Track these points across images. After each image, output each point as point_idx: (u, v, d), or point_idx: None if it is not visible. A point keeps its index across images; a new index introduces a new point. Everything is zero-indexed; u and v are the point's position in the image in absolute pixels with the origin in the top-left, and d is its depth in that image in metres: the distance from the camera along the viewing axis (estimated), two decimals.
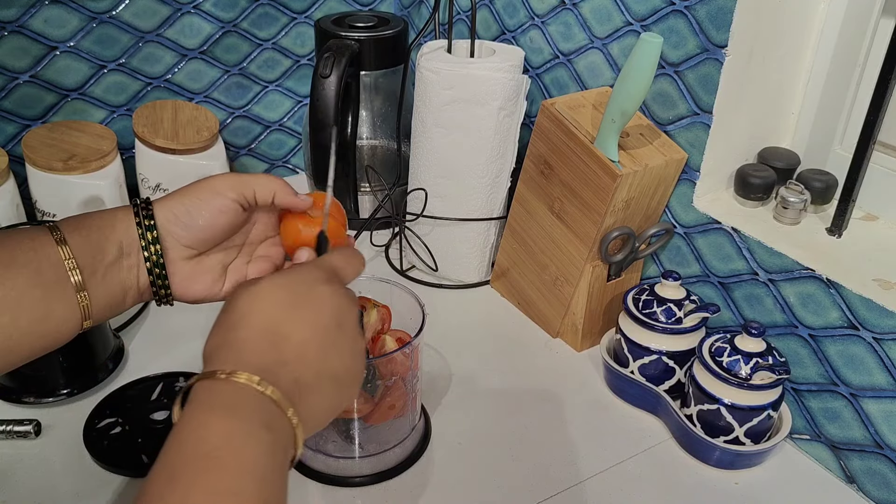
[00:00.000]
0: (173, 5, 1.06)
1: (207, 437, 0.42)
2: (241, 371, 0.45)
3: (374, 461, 0.72)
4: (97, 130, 1.00)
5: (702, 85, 0.79)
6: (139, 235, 0.56)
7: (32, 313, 0.51)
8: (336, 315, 0.51)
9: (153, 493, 0.40)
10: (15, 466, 0.71)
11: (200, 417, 0.44)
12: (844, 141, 0.81)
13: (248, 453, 0.42)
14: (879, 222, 0.80)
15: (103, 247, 0.55)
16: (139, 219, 0.57)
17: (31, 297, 0.51)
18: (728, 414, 0.72)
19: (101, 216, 0.57)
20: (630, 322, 0.80)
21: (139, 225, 0.56)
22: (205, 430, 0.43)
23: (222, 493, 0.40)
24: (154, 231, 0.56)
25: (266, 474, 0.42)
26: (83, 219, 0.56)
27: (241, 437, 0.43)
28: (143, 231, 0.56)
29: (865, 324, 0.69)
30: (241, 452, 0.42)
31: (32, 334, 0.51)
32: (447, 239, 0.98)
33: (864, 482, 0.72)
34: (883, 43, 0.71)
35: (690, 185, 0.83)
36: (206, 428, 0.43)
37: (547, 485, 0.72)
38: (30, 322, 0.51)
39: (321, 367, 0.49)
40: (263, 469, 0.43)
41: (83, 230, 0.55)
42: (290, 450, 0.46)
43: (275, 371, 0.47)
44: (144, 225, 0.56)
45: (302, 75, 1.20)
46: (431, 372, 0.85)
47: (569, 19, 0.93)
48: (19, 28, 0.98)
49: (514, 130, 0.92)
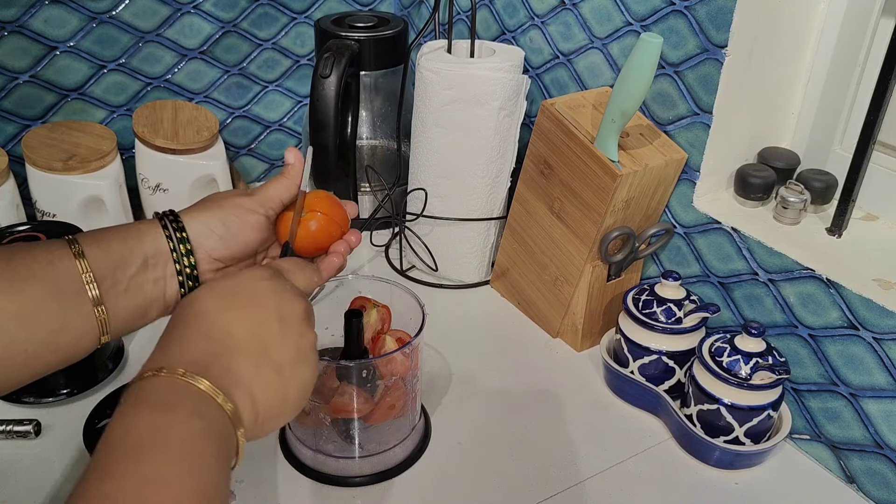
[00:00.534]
0: (173, 5, 1.06)
1: (135, 431, 0.42)
2: (167, 367, 0.46)
3: (374, 461, 0.72)
4: (97, 130, 1.00)
5: (702, 85, 0.79)
6: (171, 248, 0.56)
7: (48, 326, 0.51)
8: (276, 309, 0.51)
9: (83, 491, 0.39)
10: (15, 466, 0.71)
11: (128, 413, 0.44)
12: (844, 141, 0.81)
13: (177, 441, 0.42)
14: (879, 222, 0.80)
15: (126, 259, 0.54)
16: (169, 231, 0.56)
17: (48, 309, 0.51)
18: (728, 414, 0.72)
19: (124, 229, 0.56)
20: (630, 322, 0.80)
21: (170, 238, 0.56)
22: (133, 424, 0.43)
23: (152, 481, 0.40)
24: (188, 243, 0.56)
25: (199, 461, 0.42)
26: (103, 232, 0.56)
27: (168, 426, 0.43)
28: (176, 243, 0.56)
29: (865, 324, 0.69)
30: (169, 441, 0.42)
31: (48, 347, 0.51)
32: (447, 239, 0.98)
33: (864, 482, 0.72)
34: (883, 43, 0.71)
35: (690, 185, 0.83)
36: (134, 422, 0.43)
37: (547, 485, 0.72)
38: (46, 335, 0.51)
39: (259, 358, 0.49)
40: (196, 456, 0.42)
41: (103, 242, 0.54)
42: (230, 438, 0.46)
43: (205, 362, 0.47)
44: (176, 237, 0.56)
45: (302, 75, 1.20)
46: (431, 372, 0.85)
47: (569, 19, 0.93)
48: (19, 28, 0.98)
49: (514, 130, 0.92)
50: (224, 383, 0.47)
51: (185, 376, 0.46)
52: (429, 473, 0.73)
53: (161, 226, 0.57)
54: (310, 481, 0.72)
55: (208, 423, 0.45)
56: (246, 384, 0.48)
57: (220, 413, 0.46)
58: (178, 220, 0.57)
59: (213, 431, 0.45)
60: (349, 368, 0.69)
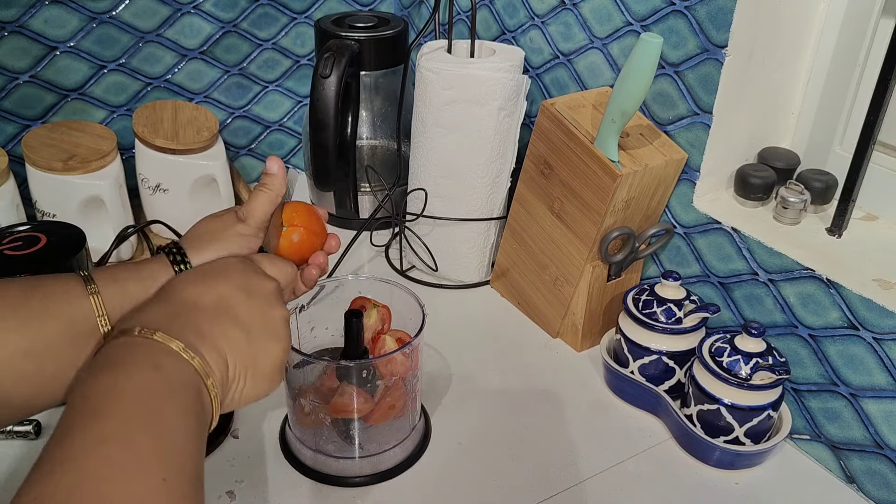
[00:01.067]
0: (173, 5, 1.06)
1: (91, 393, 0.42)
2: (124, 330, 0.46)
3: (374, 461, 0.72)
4: (97, 130, 1.00)
5: (702, 85, 0.79)
6: None
7: (59, 363, 0.51)
8: (242, 284, 0.53)
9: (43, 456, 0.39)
10: (15, 466, 0.71)
11: (86, 380, 0.43)
12: (844, 141, 0.81)
13: (130, 395, 0.42)
14: (879, 222, 0.80)
15: (140, 298, 0.55)
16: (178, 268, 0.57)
17: (60, 348, 0.51)
18: (728, 414, 0.72)
19: (140, 268, 0.57)
20: (630, 322, 0.80)
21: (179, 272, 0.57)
22: (89, 387, 0.42)
23: (107, 438, 0.39)
24: None
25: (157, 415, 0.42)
26: (119, 269, 0.56)
27: (122, 383, 0.42)
28: None
29: (865, 324, 0.69)
30: (122, 397, 0.42)
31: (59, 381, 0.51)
32: (447, 239, 0.98)
33: (864, 482, 0.72)
34: (883, 43, 0.71)
35: (690, 185, 0.83)
36: (91, 385, 0.43)
37: (547, 485, 0.72)
38: (56, 369, 0.51)
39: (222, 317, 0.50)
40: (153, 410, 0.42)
41: (119, 282, 0.55)
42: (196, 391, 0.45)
43: (164, 322, 0.47)
44: None
45: (302, 75, 1.20)
46: (431, 372, 0.85)
47: (569, 19, 0.93)
48: (19, 28, 0.98)
49: (514, 130, 0.92)
50: (187, 337, 0.47)
51: (140, 334, 0.46)
52: (429, 473, 0.73)
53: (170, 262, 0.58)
54: (310, 481, 0.72)
55: (167, 375, 0.44)
56: (211, 339, 0.48)
57: (182, 364, 0.45)
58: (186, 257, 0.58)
59: (173, 384, 0.44)
60: (349, 368, 0.69)
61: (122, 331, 0.47)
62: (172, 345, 0.46)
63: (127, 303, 0.54)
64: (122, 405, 0.41)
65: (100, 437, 0.39)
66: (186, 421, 0.43)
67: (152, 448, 0.40)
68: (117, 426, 0.40)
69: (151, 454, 0.39)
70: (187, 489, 0.40)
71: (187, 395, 0.44)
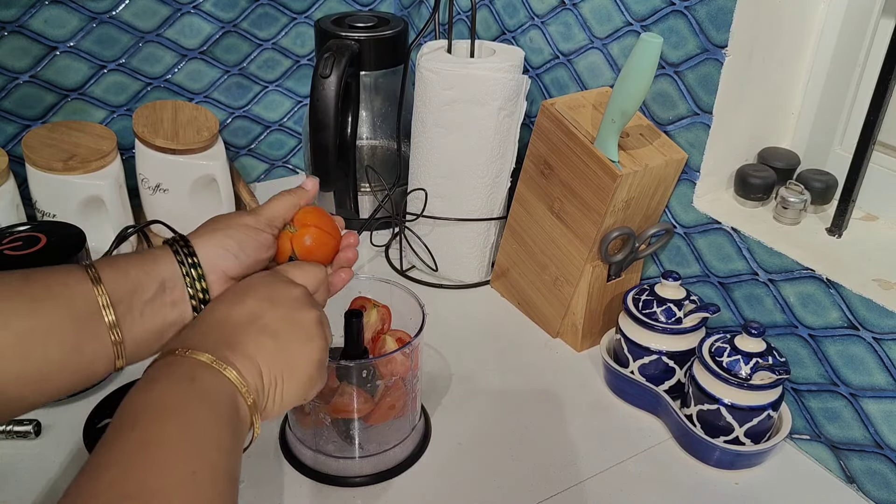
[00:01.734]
0: (173, 5, 1.06)
1: (131, 408, 0.46)
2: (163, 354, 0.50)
3: (374, 461, 0.72)
4: (97, 130, 1.00)
5: (702, 85, 0.79)
6: (183, 273, 0.57)
7: (63, 346, 0.51)
8: (267, 295, 0.55)
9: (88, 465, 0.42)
10: (15, 466, 0.71)
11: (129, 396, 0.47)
12: (844, 141, 0.81)
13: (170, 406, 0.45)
14: (879, 222, 0.80)
15: (143, 283, 0.55)
16: (181, 256, 0.57)
17: (63, 329, 0.51)
18: (728, 414, 0.72)
19: (140, 255, 0.57)
20: (630, 322, 0.80)
21: (181, 263, 0.57)
22: (131, 403, 0.46)
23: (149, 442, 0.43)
24: (199, 268, 0.57)
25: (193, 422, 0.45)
26: (119, 258, 0.57)
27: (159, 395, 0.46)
28: (188, 268, 0.57)
29: (865, 324, 0.69)
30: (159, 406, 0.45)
31: (63, 368, 0.51)
32: (447, 239, 0.98)
33: (864, 482, 0.72)
34: (883, 43, 0.72)
35: (690, 185, 0.83)
36: (133, 400, 0.46)
37: (547, 485, 0.72)
38: (60, 355, 0.51)
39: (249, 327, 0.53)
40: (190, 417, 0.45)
41: (120, 266, 0.55)
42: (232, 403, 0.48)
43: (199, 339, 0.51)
44: (188, 262, 0.57)
45: (302, 75, 1.20)
46: (431, 372, 0.85)
47: (569, 19, 0.93)
48: (19, 28, 0.98)
49: (514, 130, 0.92)
50: (219, 351, 0.50)
51: (178, 353, 0.50)
52: (429, 473, 0.73)
53: (172, 251, 0.57)
54: (310, 481, 0.72)
55: (200, 385, 0.48)
56: (241, 350, 0.51)
57: (216, 376, 0.49)
58: (189, 246, 0.58)
59: (207, 393, 0.47)
60: (349, 368, 0.69)
61: (164, 353, 0.51)
62: (204, 358, 0.49)
63: (128, 287, 0.54)
64: (160, 414, 0.45)
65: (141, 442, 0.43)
66: (219, 424, 0.47)
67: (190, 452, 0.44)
68: (157, 432, 0.44)
69: (182, 451, 0.43)
70: (220, 483, 0.44)
71: (219, 401, 0.48)
